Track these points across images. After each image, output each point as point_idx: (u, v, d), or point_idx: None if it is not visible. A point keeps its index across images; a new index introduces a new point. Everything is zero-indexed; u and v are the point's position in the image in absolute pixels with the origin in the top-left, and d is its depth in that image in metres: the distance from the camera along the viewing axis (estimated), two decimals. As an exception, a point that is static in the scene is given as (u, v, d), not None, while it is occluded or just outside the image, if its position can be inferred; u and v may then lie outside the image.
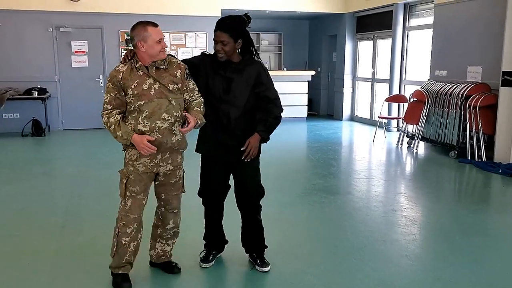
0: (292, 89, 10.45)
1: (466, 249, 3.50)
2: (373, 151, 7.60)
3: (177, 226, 2.99)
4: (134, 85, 2.62)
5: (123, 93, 2.63)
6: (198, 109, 2.74)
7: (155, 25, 2.65)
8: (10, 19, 8.65)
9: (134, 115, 2.64)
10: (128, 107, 2.65)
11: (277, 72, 10.83)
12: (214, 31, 2.76)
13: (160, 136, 2.65)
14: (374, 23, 9.96)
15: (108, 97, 2.63)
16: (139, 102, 2.61)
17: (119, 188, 2.76)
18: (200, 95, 2.80)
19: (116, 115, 2.62)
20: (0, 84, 8.52)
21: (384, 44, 9.77)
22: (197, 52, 9.76)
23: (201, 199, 3.11)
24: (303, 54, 12.53)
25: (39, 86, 8.68)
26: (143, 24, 2.63)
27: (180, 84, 2.72)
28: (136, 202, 2.73)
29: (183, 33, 9.67)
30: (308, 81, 10.78)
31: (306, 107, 10.87)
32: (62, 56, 9.03)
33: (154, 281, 2.99)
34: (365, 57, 10.55)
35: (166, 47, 2.70)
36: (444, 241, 3.69)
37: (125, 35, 9.31)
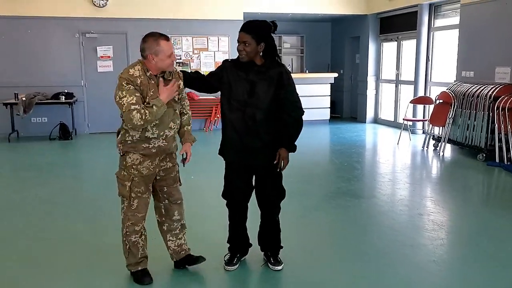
0: (314, 92, 10.41)
1: (495, 255, 3.42)
2: (398, 154, 7.50)
3: (182, 218, 3.10)
4: (151, 94, 2.68)
5: (141, 96, 2.68)
6: (188, 127, 3.00)
7: (167, 38, 2.71)
8: (38, 25, 8.87)
9: None
10: None
11: (299, 75, 10.80)
12: (239, 32, 2.82)
13: (166, 143, 2.83)
14: (398, 24, 9.84)
15: (134, 99, 2.61)
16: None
17: (121, 190, 2.86)
18: (188, 105, 3.05)
19: (141, 105, 2.62)
20: (29, 89, 8.74)
21: (408, 45, 9.64)
22: (219, 56, 9.85)
23: (225, 201, 3.14)
24: (325, 56, 12.47)
25: (66, 91, 8.87)
26: (155, 37, 2.68)
27: (181, 94, 2.92)
28: (142, 201, 2.87)
29: (205, 37, 9.74)
30: (330, 83, 10.71)
31: (329, 109, 10.80)
32: (88, 61, 9.21)
33: (177, 285, 3.01)
34: (389, 58, 10.42)
35: (176, 60, 2.72)
36: (472, 246, 3.61)
37: (149, 39, 9.42)
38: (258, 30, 2.80)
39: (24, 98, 8.41)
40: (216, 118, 9.80)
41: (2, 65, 8.80)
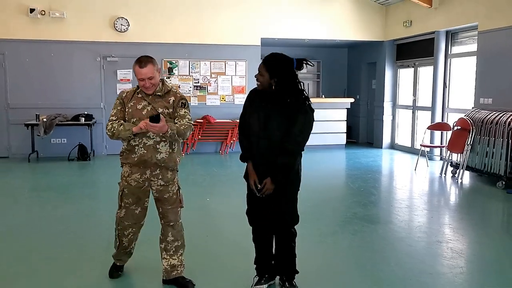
0: (330, 116, 10.42)
1: (518, 285, 3.33)
2: (415, 180, 7.42)
3: (177, 239, 3.21)
4: (131, 104, 3.09)
5: (125, 109, 3.10)
6: (178, 126, 3.02)
7: (140, 66, 3.00)
8: (62, 49, 9.13)
9: None
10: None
11: (316, 99, 10.84)
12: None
13: (145, 151, 3.04)
14: (415, 51, 9.87)
15: (114, 111, 3.11)
16: (132, 120, 3.05)
17: (118, 197, 3.18)
18: (190, 122, 3.12)
19: (119, 121, 3.06)
20: (50, 111, 8.93)
21: (425, 72, 9.64)
22: (236, 80, 9.99)
23: (248, 221, 3.20)
24: (341, 82, 12.53)
25: (85, 113, 9.04)
26: (135, 62, 3.03)
27: (172, 110, 3.09)
28: (128, 212, 3.15)
29: (223, 62, 9.90)
30: (347, 108, 10.73)
31: (345, 134, 10.79)
32: (108, 84, 9.40)
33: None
34: (405, 84, 10.43)
35: (150, 85, 3.02)
36: (492, 275, 3.53)
37: (168, 63, 9.63)
38: (273, 65, 2.90)
39: (45, 119, 8.59)
40: (232, 141, 9.85)
41: (25, 87, 9.04)
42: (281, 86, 2.89)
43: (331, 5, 10.17)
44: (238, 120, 10.73)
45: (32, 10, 8.78)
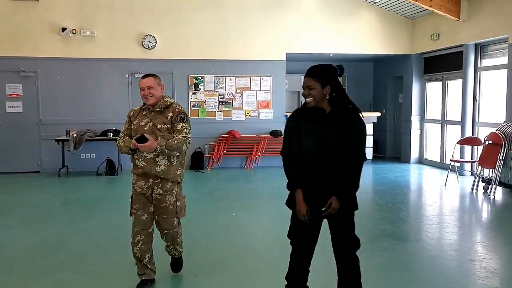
0: (357, 131, 10.30)
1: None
2: (445, 196, 7.23)
3: (169, 241, 3.54)
4: (136, 121, 3.40)
5: (131, 126, 3.43)
6: (170, 141, 3.22)
7: (143, 77, 3.41)
8: (91, 66, 9.37)
9: None
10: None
11: (342, 114, 10.75)
12: (303, 78, 2.78)
13: (146, 164, 3.32)
14: (443, 64, 9.72)
15: (123, 128, 3.49)
16: (136, 135, 3.28)
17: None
18: (186, 136, 3.26)
19: (125, 138, 3.41)
20: (80, 126, 9.15)
21: (454, 85, 9.47)
22: (260, 95, 10.02)
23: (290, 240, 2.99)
24: (367, 96, 12.42)
25: (114, 128, 9.21)
26: (141, 77, 3.43)
27: (170, 125, 3.32)
28: (137, 217, 3.39)
29: (248, 77, 9.96)
30: (373, 122, 10.61)
31: (372, 149, 10.65)
32: (135, 99, 9.57)
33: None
34: (433, 98, 10.25)
35: (149, 94, 3.31)
36: (532, 297, 3.38)
37: (194, 79, 9.75)
38: (322, 73, 2.73)
39: (75, 135, 8.79)
40: (257, 156, 9.85)
41: (56, 103, 9.29)
42: (336, 92, 2.74)
43: (357, 19, 10.15)
44: (263, 135, 10.71)
45: (63, 29, 9.06)
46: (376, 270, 4.00)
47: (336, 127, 2.71)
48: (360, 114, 2.81)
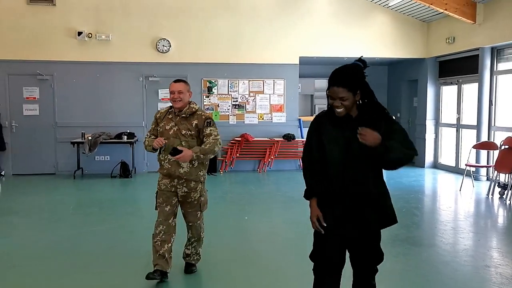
0: (370, 135, 10.24)
1: None
2: (460, 201, 7.14)
3: (194, 236, 3.77)
4: (162, 124, 3.68)
5: (158, 128, 3.70)
6: (203, 146, 3.48)
7: (176, 81, 3.67)
8: (107, 70, 9.48)
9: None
10: None
11: (355, 118, 10.69)
12: (329, 86, 2.47)
13: (170, 166, 3.58)
14: (459, 68, 9.62)
15: (151, 128, 3.79)
16: (162, 137, 3.57)
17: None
18: (216, 138, 3.52)
19: (151, 137, 3.70)
20: (95, 129, 9.25)
21: (470, 89, 9.36)
22: (274, 98, 10.02)
23: (312, 264, 2.67)
24: (381, 100, 12.28)
25: (128, 131, 9.30)
26: (173, 81, 3.68)
27: (194, 132, 3.58)
28: (161, 209, 3.66)
29: (261, 80, 9.97)
30: (387, 126, 10.52)
31: (386, 153, 10.54)
32: (149, 103, 9.65)
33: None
34: (449, 102, 10.15)
35: (178, 98, 3.57)
36: (549, 305, 3.31)
37: (207, 83, 9.80)
38: (352, 78, 2.46)
39: (90, 138, 8.90)
40: (269, 160, 9.85)
41: (72, 106, 9.41)
42: (366, 96, 2.50)
43: (371, 23, 10.11)
44: (276, 139, 10.70)
45: (79, 33, 9.19)
46: (389, 275, 3.96)
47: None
48: (387, 112, 2.55)
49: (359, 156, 2.45)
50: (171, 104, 3.66)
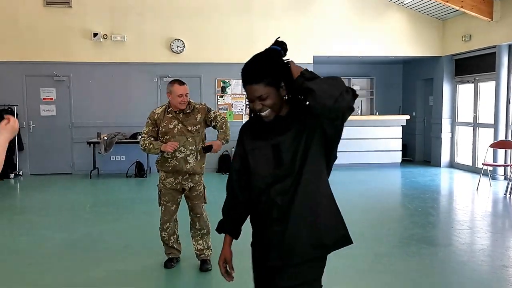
0: (385, 134, 10.17)
1: None
2: (477, 201, 7.04)
3: (203, 228, 3.85)
4: (163, 124, 3.71)
5: (157, 128, 3.74)
6: (223, 131, 3.71)
7: (180, 83, 3.70)
8: (122, 70, 9.57)
9: None
10: (159, 139, 3.72)
11: (369, 117, 10.64)
12: (244, 86, 1.85)
13: (177, 163, 3.68)
14: (475, 66, 9.49)
15: (146, 130, 3.76)
16: (166, 137, 3.68)
17: (157, 197, 3.87)
18: (223, 117, 3.79)
19: (149, 139, 3.72)
20: (110, 129, 9.35)
21: (486, 87, 9.23)
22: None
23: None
24: (396, 99, 12.22)
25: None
26: (173, 82, 3.71)
27: (199, 126, 3.70)
28: (166, 209, 3.81)
29: (276, 80, 9.95)
30: (402, 125, 10.44)
31: (400, 152, 10.47)
32: (164, 102, 9.65)
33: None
34: (465, 100, 10.02)
35: (186, 101, 3.65)
36: None
37: (221, 83, 9.83)
38: (268, 70, 1.81)
39: (105, 138, 8.99)
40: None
41: (88, 107, 9.53)
42: (292, 85, 1.80)
43: (385, 21, 10.03)
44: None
45: (95, 35, 9.30)
46: (404, 274, 3.93)
47: (295, 130, 1.83)
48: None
49: (292, 166, 1.80)
50: (173, 105, 3.72)
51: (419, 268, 4.06)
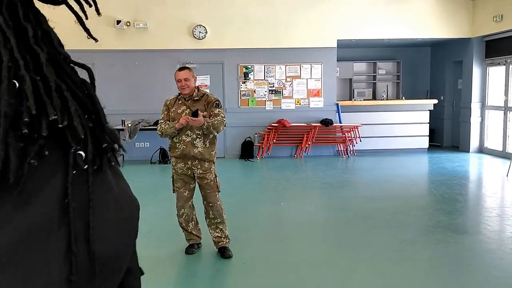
0: (411, 119, 9.94)
1: None
2: (507, 187, 6.83)
3: (216, 217, 3.86)
4: (173, 109, 3.85)
5: (169, 113, 3.87)
6: (213, 121, 3.68)
7: (180, 69, 3.84)
8: (145, 58, 9.62)
9: None
10: None
11: (395, 101, 10.41)
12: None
13: (185, 147, 3.76)
14: (507, 47, 9.13)
15: (162, 115, 3.92)
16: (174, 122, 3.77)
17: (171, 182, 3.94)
18: (223, 119, 3.74)
19: (165, 123, 3.83)
20: (134, 116, 9.44)
21: (518, 69, 8.88)
22: (311, 83, 9.87)
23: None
24: (424, 82, 11.91)
25: (166, 118, 9.42)
26: (177, 69, 3.86)
27: (206, 113, 3.73)
28: (179, 194, 3.90)
29: (298, 65, 9.84)
30: (429, 110, 10.18)
31: (428, 137, 10.23)
32: (187, 90, 9.73)
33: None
34: (496, 83, 9.68)
35: (185, 86, 3.72)
36: None
37: (244, 68, 9.76)
38: None
39: (130, 125, 9.09)
40: (307, 146, 9.75)
41: (112, 94, 9.62)
42: None
43: (412, 2, 9.73)
44: (313, 124, 10.53)
45: (118, 22, 9.35)
46: (429, 262, 3.85)
47: None
48: None
49: None
50: (179, 92, 3.85)
51: (444, 256, 3.96)
